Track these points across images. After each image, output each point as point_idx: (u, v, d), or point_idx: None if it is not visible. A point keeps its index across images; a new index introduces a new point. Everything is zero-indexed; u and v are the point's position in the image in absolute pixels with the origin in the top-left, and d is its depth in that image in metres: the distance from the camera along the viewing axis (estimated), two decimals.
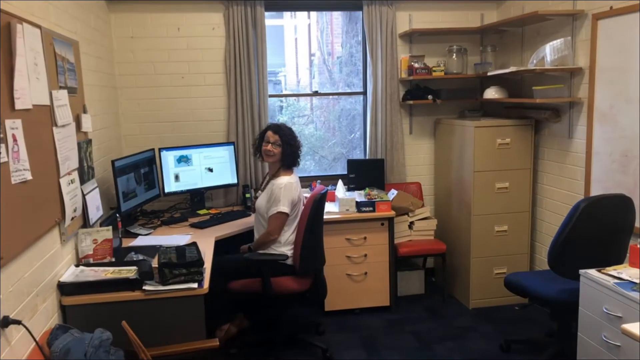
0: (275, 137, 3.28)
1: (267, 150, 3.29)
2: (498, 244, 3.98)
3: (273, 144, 3.27)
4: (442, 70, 4.18)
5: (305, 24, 5.30)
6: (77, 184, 2.56)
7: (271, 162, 3.33)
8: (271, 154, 3.27)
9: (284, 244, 3.24)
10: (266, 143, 3.30)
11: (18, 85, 1.92)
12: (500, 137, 3.86)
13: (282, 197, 3.17)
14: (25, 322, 1.89)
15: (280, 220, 3.20)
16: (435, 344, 3.48)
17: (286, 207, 3.18)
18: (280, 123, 3.43)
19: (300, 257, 3.19)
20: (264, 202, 3.26)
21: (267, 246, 3.25)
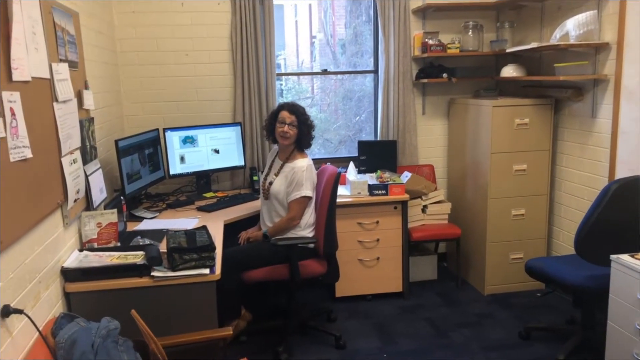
0: (292, 118, 3.09)
1: (283, 132, 3.09)
2: (515, 228, 3.84)
3: (290, 125, 3.09)
4: (457, 48, 4.01)
5: (306, 4, 5.11)
6: (79, 164, 2.42)
7: (286, 144, 3.15)
8: (287, 135, 3.09)
9: (304, 227, 3.12)
10: (281, 124, 3.10)
11: (16, 54, 1.76)
12: (519, 117, 3.70)
13: (305, 180, 3.04)
14: (28, 311, 1.76)
15: (304, 205, 3.08)
16: (451, 331, 3.37)
17: (309, 191, 3.06)
18: (293, 102, 3.24)
19: (325, 239, 3.07)
20: (283, 187, 3.11)
21: (287, 231, 3.11)
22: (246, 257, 3.07)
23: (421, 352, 3.12)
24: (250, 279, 3.05)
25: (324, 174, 3.21)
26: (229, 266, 2.88)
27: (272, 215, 3.18)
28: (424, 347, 3.18)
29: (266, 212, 3.23)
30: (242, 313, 3.21)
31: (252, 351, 3.11)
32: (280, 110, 3.16)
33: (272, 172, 3.23)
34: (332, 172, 3.11)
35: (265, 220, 3.23)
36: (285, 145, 3.16)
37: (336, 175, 3.07)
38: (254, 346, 3.20)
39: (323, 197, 3.12)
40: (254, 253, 3.09)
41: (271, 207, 3.19)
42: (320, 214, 3.15)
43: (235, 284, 3.01)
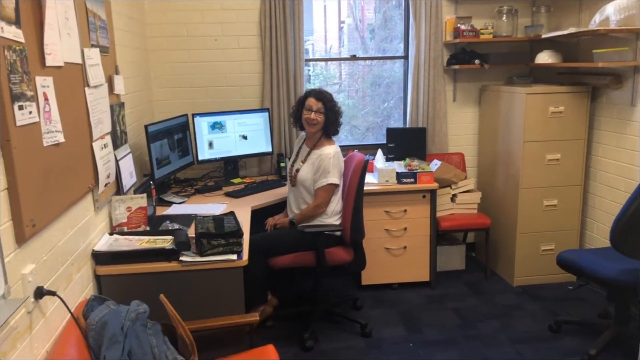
0: (319, 105, 3.06)
1: (309, 118, 3.07)
2: (546, 219, 3.76)
3: (317, 111, 3.06)
4: (491, 33, 3.90)
5: None
6: (110, 148, 2.44)
7: (313, 131, 3.12)
8: (314, 122, 3.06)
9: (330, 215, 3.11)
10: (308, 111, 3.08)
11: (48, 39, 1.77)
12: (554, 104, 3.60)
13: (332, 167, 3.02)
14: (60, 293, 1.79)
15: (331, 192, 3.07)
16: (478, 322, 3.32)
17: (336, 178, 3.05)
18: (321, 88, 3.20)
19: (351, 227, 3.06)
20: (310, 174, 3.09)
21: (313, 219, 3.10)
22: (273, 243, 3.07)
23: (448, 343, 3.09)
24: (277, 264, 3.06)
25: (351, 161, 3.17)
26: (256, 252, 2.88)
27: (298, 202, 3.17)
28: (450, 337, 3.14)
29: (293, 199, 3.21)
30: (268, 298, 3.23)
31: (278, 337, 3.13)
32: (307, 96, 3.12)
33: (299, 159, 3.21)
34: (360, 160, 3.07)
35: (292, 207, 3.22)
36: (312, 132, 3.13)
37: (364, 162, 3.04)
38: (280, 332, 3.22)
39: (350, 184, 3.10)
40: (281, 239, 3.09)
41: (298, 194, 3.17)
42: (347, 201, 3.13)
43: (262, 269, 3.01)
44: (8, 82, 1.47)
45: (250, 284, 2.75)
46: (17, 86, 1.51)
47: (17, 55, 1.54)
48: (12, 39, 1.51)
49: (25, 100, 1.56)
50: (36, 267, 1.60)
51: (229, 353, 2.20)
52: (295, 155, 3.27)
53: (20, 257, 1.51)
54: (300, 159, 3.21)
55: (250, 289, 2.83)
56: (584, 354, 2.84)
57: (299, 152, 3.26)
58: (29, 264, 1.57)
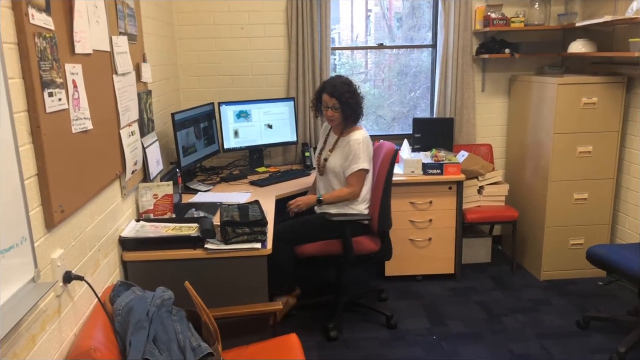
0: (333, 101, 2.99)
1: (328, 116, 3.04)
2: (576, 212, 3.67)
3: (332, 108, 3.00)
4: (522, 22, 3.81)
5: None
6: (137, 136, 2.46)
7: (333, 126, 3.13)
8: (332, 118, 3.03)
9: (360, 201, 3.09)
10: (325, 108, 3.03)
11: (78, 27, 1.78)
12: (586, 95, 3.50)
13: (362, 152, 2.98)
14: (88, 278, 1.82)
15: (362, 178, 3.03)
16: (504, 316, 3.28)
17: (367, 163, 3.00)
18: (335, 79, 3.06)
19: (379, 216, 3.04)
20: (339, 161, 3.06)
21: (344, 203, 3.08)
22: (300, 230, 3.06)
23: (472, 336, 3.06)
24: (303, 253, 3.06)
25: (380, 150, 3.13)
26: (282, 240, 2.90)
27: (329, 191, 3.15)
28: (474, 331, 3.11)
29: (323, 188, 3.19)
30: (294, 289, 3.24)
31: (301, 326, 3.14)
32: (322, 92, 3.05)
33: (327, 148, 3.17)
34: (390, 149, 3.02)
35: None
36: (331, 125, 3.14)
37: (394, 152, 2.99)
38: (303, 321, 3.22)
39: (379, 173, 3.07)
40: (308, 227, 3.08)
41: (327, 183, 3.15)
42: (375, 190, 3.10)
43: (289, 258, 3.02)
44: (38, 69, 1.48)
45: (275, 272, 2.78)
46: (47, 73, 1.53)
47: (47, 42, 1.55)
48: (42, 26, 1.53)
49: (55, 87, 1.58)
50: (65, 252, 1.63)
51: (252, 341, 2.21)
52: (323, 144, 3.24)
53: (49, 241, 1.54)
54: (327, 148, 3.17)
55: (276, 278, 2.87)
56: (612, 351, 2.78)
57: (326, 140, 3.22)
58: (58, 249, 1.59)
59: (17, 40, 1.41)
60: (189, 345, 1.79)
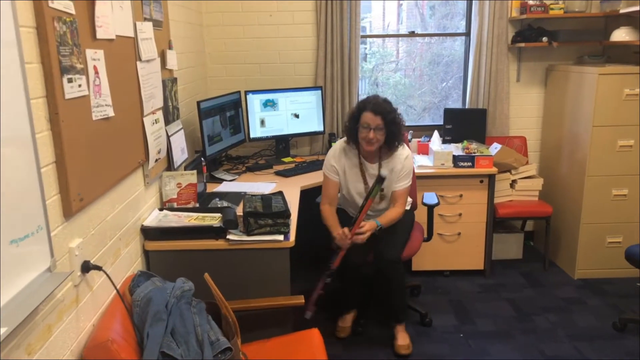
0: (377, 121, 2.61)
1: (368, 138, 2.63)
2: (614, 209, 3.51)
3: (376, 129, 2.62)
4: (562, 9, 3.64)
5: None
6: (161, 124, 2.43)
7: (372, 150, 2.72)
8: (374, 141, 2.65)
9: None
10: (365, 129, 2.64)
11: (100, 12, 1.75)
12: (629, 86, 3.32)
13: (411, 169, 2.84)
14: (108, 267, 1.80)
15: (408, 193, 2.88)
16: (535, 315, 3.16)
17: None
18: (376, 97, 2.71)
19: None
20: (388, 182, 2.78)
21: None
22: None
23: (501, 335, 2.96)
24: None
25: None
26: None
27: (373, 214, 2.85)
28: (504, 330, 3.01)
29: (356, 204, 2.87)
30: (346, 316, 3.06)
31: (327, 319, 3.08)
32: (362, 110, 2.67)
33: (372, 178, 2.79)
34: None
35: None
36: (369, 150, 2.74)
37: None
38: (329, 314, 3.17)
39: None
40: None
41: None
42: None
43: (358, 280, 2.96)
44: (57, 54, 1.45)
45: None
46: (66, 58, 1.50)
47: (68, 27, 1.52)
48: (62, 10, 1.49)
49: (75, 73, 1.55)
50: (83, 241, 1.60)
51: (273, 334, 2.17)
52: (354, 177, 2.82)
53: (67, 230, 1.51)
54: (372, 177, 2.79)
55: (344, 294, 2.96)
56: None
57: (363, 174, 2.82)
58: (76, 238, 1.57)
59: (35, 25, 1.38)
60: (207, 339, 1.76)
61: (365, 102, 2.70)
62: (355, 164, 2.82)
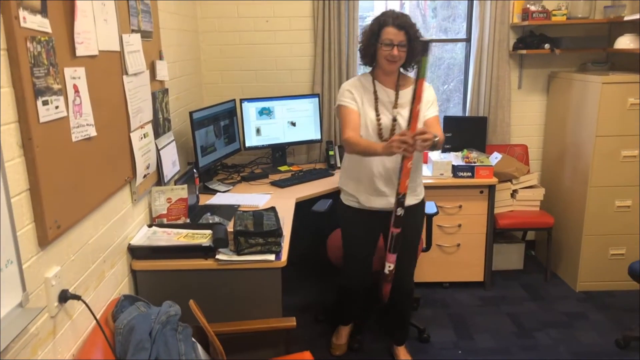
0: (401, 37, 2.32)
1: (392, 56, 2.33)
2: (618, 220, 3.43)
3: (399, 45, 2.33)
4: (564, 15, 3.55)
5: None
6: (150, 138, 2.36)
7: (394, 69, 2.44)
8: (397, 58, 2.35)
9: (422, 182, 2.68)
10: (387, 46, 2.33)
11: (80, 28, 1.67)
12: (633, 95, 3.24)
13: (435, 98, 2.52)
14: (90, 292, 1.74)
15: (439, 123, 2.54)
16: (536, 330, 3.08)
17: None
18: (395, 11, 2.39)
19: None
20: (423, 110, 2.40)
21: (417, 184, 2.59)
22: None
23: (500, 352, 2.88)
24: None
25: None
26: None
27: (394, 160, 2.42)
28: (503, 347, 2.93)
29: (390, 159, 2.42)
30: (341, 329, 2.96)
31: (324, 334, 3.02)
32: (383, 26, 2.34)
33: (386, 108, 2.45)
34: None
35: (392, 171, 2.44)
36: (392, 70, 2.44)
37: None
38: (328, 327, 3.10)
39: None
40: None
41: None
42: None
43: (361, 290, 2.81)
44: (31, 76, 1.38)
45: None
46: (41, 80, 1.42)
47: (43, 46, 1.45)
48: (36, 29, 1.42)
49: (52, 95, 1.48)
50: (61, 269, 1.54)
51: (264, 357, 2.11)
52: (375, 104, 2.46)
53: (43, 260, 1.44)
54: (387, 108, 2.45)
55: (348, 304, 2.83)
56: None
57: (377, 99, 2.46)
58: (54, 267, 1.50)
59: (6, 47, 1.31)
60: None
61: (385, 15, 2.37)
62: (369, 90, 2.49)
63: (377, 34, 2.37)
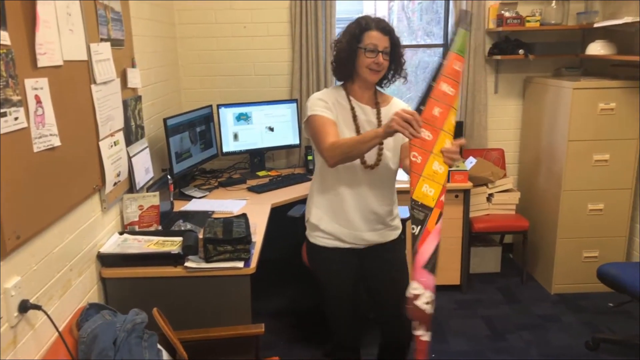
0: (385, 43, 1.99)
1: (376, 64, 1.98)
2: (591, 224, 3.48)
3: (383, 52, 1.99)
4: (538, 21, 3.60)
5: None
6: (121, 145, 2.37)
7: (376, 80, 2.06)
8: (382, 67, 2.01)
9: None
10: (371, 53, 1.97)
11: (43, 39, 1.68)
12: (604, 100, 3.29)
13: None
14: (54, 301, 1.75)
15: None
16: (509, 333, 3.12)
17: None
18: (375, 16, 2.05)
19: None
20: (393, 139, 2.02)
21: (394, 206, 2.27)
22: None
23: (474, 354, 2.92)
24: None
25: None
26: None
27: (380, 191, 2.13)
28: (477, 350, 2.97)
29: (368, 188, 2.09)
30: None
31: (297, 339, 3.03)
32: (366, 29, 1.99)
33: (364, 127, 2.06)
34: None
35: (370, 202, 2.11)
36: (372, 81, 2.06)
37: None
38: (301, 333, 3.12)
39: None
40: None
41: (376, 179, 2.09)
42: None
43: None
44: None
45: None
46: None
47: (1, 59, 1.46)
48: None
49: (11, 106, 1.49)
50: (22, 279, 1.54)
51: None
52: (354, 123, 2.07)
53: (2, 271, 1.45)
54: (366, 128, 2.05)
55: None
56: None
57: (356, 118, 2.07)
58: (14, 277, 1.51)
59: None
60: None
61: (365, 19, 2.02)
62: (344, 107, 2.09)
63: (359, 39, 1.99)
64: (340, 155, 1.92)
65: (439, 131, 1.76)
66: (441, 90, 1.76)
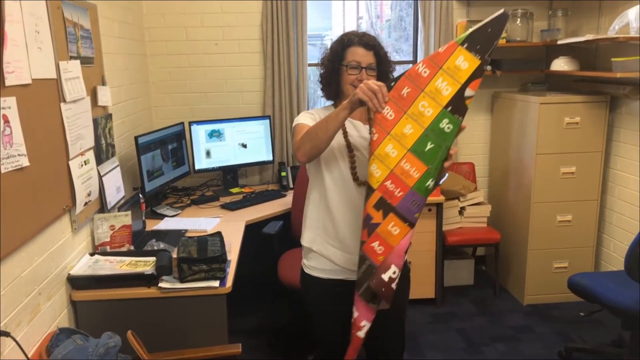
0: (370, 59, 1.91)
1: (359, 80, 1.86)
2: (560, 235, 3.56)
3: (368, 68, 1.91)
4: (504, 38, 3.70)
5: None
6: (92, 164, 2.32)
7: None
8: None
9: None
10: (354, 69, 1.90)
11: (11, 57, 1.65)
12: (569, 115, 3.39)
13: None
14: (23, 327, 1.69)
15: None
16: (484, 345, 3.15)
17: None
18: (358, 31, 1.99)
19: None
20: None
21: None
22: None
23: None
24: None
25: None
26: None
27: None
28: None
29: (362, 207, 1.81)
30: None
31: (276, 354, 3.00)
32: (349, 46, 1.92)
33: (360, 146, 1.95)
34: None
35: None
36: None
37: None
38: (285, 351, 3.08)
39: None
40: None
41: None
42: None
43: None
44: None
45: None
46: None
47: None
48: None
49: None
50: None
51: None
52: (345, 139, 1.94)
53: None
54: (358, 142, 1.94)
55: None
56: None
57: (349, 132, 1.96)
58: None
59: None
60: None
61: (348, 35, 1.96)
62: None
63: (342, 56, 1.93)
64: (309, 143, 1.79)
65: (402, 113, 1.69)
66: (416, 70, 1.69)
